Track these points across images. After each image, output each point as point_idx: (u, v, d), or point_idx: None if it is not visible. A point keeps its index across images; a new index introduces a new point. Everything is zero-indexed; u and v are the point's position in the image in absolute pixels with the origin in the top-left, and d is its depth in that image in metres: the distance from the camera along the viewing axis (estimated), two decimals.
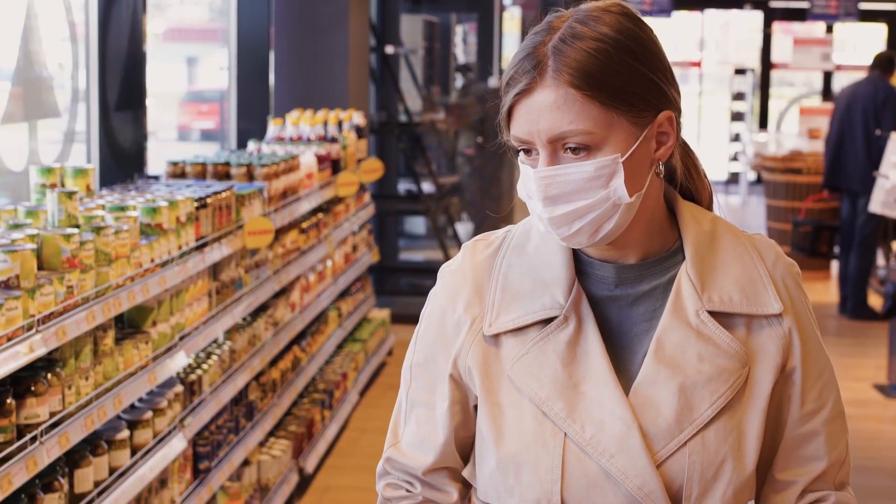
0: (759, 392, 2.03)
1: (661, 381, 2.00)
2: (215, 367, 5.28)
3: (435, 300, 2.15)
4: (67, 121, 6.03)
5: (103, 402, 3.99)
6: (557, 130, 1.93)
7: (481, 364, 2.05)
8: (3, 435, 3.38)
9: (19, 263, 3.48)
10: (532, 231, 2.11)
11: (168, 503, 4.70)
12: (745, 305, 2.04)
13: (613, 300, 2.06)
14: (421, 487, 2.14)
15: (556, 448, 1.98)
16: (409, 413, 2.15)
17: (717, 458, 1.98)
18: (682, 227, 2.09)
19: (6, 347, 3.34)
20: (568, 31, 1.95)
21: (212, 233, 5.17)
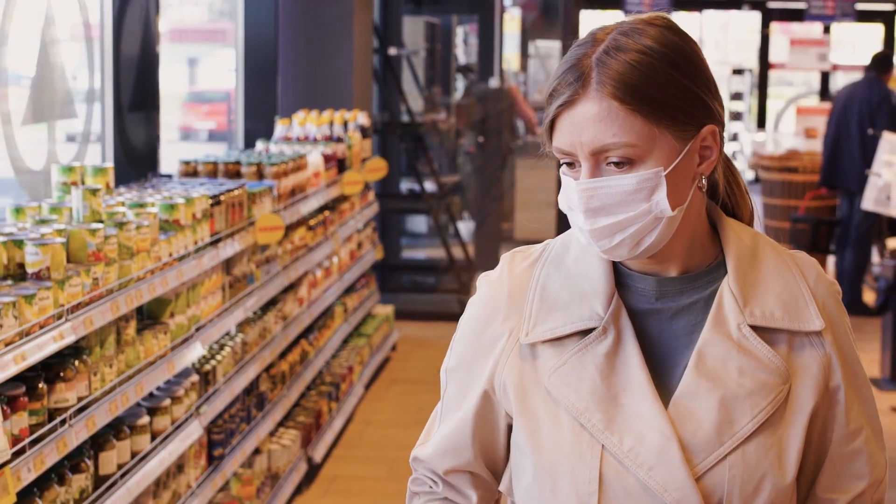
0: (800, 409, 2.02)
1: (701, 393, 1.99)
2: (228, 359, 5.48)
3: (472, 308, 2.16)
4: (84, 121, 6.23)
5: (126, 389, 4.19)
6: (600, 143, 1.92)
7: (517, 378, 2.05)
8: (36, 417, 3.58)
9: (50, 256, 3.68)
10: (571, 244, 2.12)
11: (185, 487, 4.90)
12: (787, 321, 2.03)
13: (654, 313, 2.06)
14: (442, 486, 2.17)
15: (593, 460, 1.97)
16: (442, 415, 2.18)
17: (757, 472, 1.98)
18: (724, 242, 2.08)
19: (39, 335, 3.54)
20: (612, 43, 1.95)
21: (225, 229, 5.38)
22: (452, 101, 14.73)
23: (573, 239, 2.10)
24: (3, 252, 3.70)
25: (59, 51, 5.87)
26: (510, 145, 14.53)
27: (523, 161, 15.14)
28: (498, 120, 14.06)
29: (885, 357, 9.11)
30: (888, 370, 9.04)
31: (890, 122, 10.97)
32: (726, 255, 2.06)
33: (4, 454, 3.29)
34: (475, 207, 13.43)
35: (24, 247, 3.70)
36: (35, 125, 5.73)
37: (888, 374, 9.03)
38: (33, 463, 3.49)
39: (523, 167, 15.09)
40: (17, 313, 3.41)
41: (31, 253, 3.67)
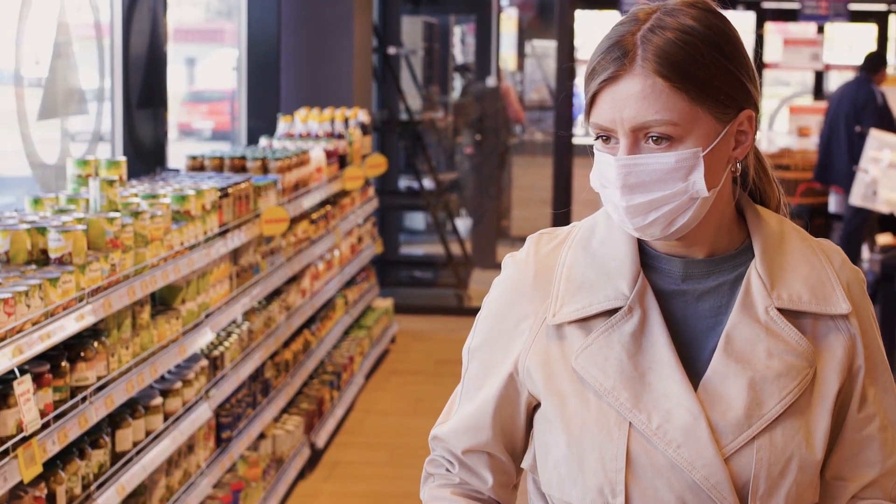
0: (827, 392, 2.03)
1: (731, 375, 2.00)
2: (235, 346, 5.69)
3: (498, 288, 2.16)
4: (94, 118, 6.45)
5: (141, 371, 4.41)
6: (642, 119, 1.92)
7: (543, 361, 2.06)
8: (60, 394, 3.80)
9: (72, 242, 3.90)
10: (598, 226, 2.13)
11: (195, 467, 5.11)
12: (813, 304, 2.04)
13: (679, 295, 2.06)
14: (459, 468, 2.17)
15: (621, 437, 1.98)
16: (463, 394, 2.18)
17: (784, 454, 1.98)
18: (751, 227, 2.09)
19: (63, 316, 3.75)
20: (657, 21, 1.96)
21: (233, 220, 5.59)
22: (450, 100, 14.95)
23: (599, 221, 2.12)
24: (27, 238, 3.91)
25: (72, 51, 6.09)
26: (507, 144, 14.74)
27: (520, 159, 15.38)
28: (495, 119, 14.28)
29: None
30: None
31: (875, 121, 11.20)
32: (753, 239, 2.07)
33: (34, 424, 3.51)
34: (472, 205, 13.65)
35: (48, 234, 3.91)
36: (48, 121, 5.94)
37: None
38: (57, 436, 3.70)
39: (519, 165, 15.32)
40: (42, 295, 3.63)
41: (54, 239, 3.89)
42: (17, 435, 3.48)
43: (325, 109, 8.74)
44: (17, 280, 3.63)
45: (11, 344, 3.41)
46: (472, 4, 15.02)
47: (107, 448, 4.18)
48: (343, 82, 9.76)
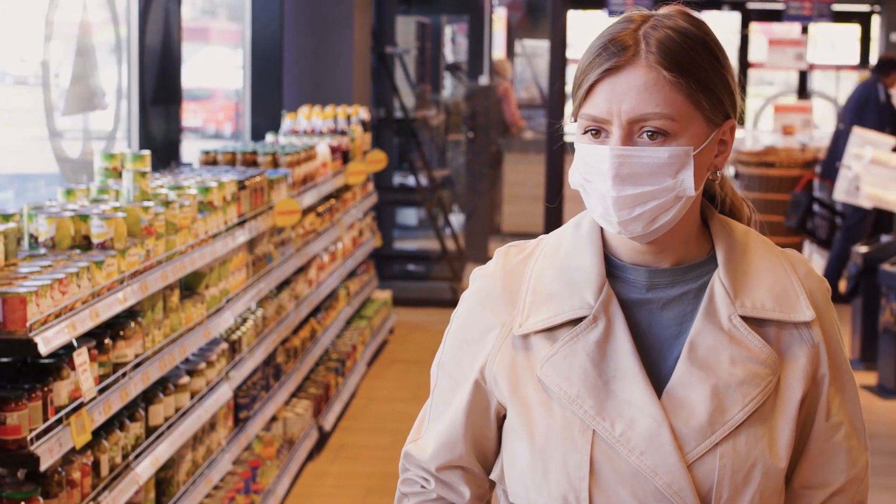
0: (790, 399, 2.05)
1: (694, 383, 2.01)
2: (251, 331, 5.99)
3: (466, 302, 2.18)
4: (113, 114, 6.74)
5: (171, 350, 4.71)
6: (641, 111, 1.95)
7: (509, 369, 2.08)
8: (104, 369, 4.09)
9: (113, 228, 4.20)
10: (564, 238, 2.14)
11: (216, 444, 5.41)
12: (777, 312, 2.05)
13: (645, 303, 2.07)
14: (435, 484, 2.18)
15: (584, 445, 2.00)
16: (433, 411, 2.19)
17: (747, 461, 2.00)
18: (714, 236, 2.11)
19: (107, 296, 4.05)
20: (656, 21, 2.00)
21: (250, 211, 5.89)
22: (441, 98, 15.26)
23: (566, 233, 2.14)
24: (71, 225, 4.21)
25: (93, 49, 6.38)
26: (498, 141, 15.04)
27: (511, 156, 15.68)
28: (487, 116, 14.58)
29: (855, 340, 9.65)
30: (858, 352, 9.58)
31: (876, 118, 11.51)
32: (717, 248, 2.09)
33: (91, 392, 3.81)
34: (465, 200, 13.94)
35: (90, 220, 4.21)
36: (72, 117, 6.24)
37: (858, 356, 9.57)
38: (102, 408, 4.00)
39: (510, 162, 15.62)
40: (90, 277, 3.92)
41: (97, 225, 4.19)
42: (69, 405, 3.78)
43: (326, 107, 9.03)
44: (67, 263, 3.93)
45: (66, 320, 3.71)
46: (465, 5, 15.31)
47: (142, 422, 4.48)
48: (343, 80, 10.07)
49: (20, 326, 3.50)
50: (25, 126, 6.54)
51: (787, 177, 13.92)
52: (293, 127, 8.54)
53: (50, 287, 3.63)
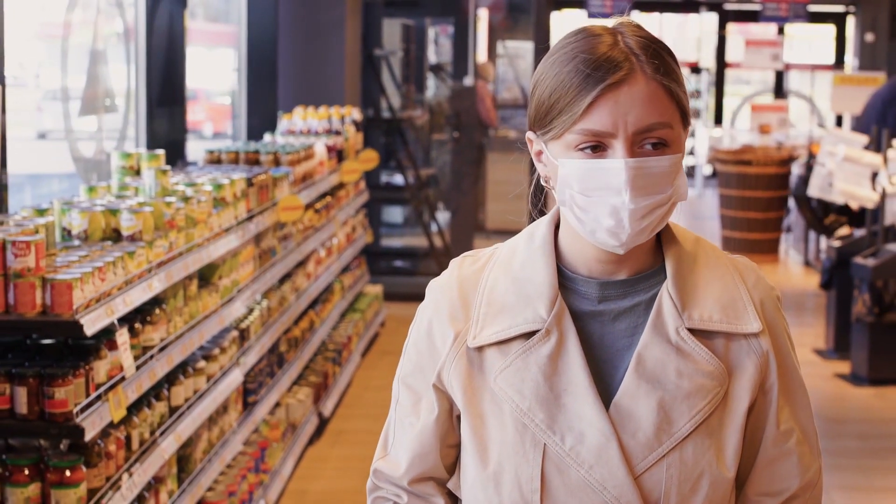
0: (737, 409, 2.06)
1: (641, 395, 2.02)
2: (258, 320, 6.34)
3: (422, 314, 2.18)
4: (122, 115, 7.09)
5: (191, 336, 5.05)
6: (646, 122, 1.96)
7: (464, 378, 2.09)
8: (134, 351, 4.44)
9: (142, 221, 4.55)
10: (518, 248, 2.14)
11: (228, 425, 5.75)
12: (724, 324, 2.06)
13: (596, 315, 2.08)
14: (407, 498, 2.18)
15: (535, 458, 2.02)
16: (397, 426, 2.19)
17: (694, 472, 2.02)
18: (665, 247, 2.11)
19: (138, 284, 4.40)
20: (630, 32, 2.02)
21: (257, 207, 6.24)
22: (426, 99, 15.61)
23: (520, 244, 2.14)
24: (102, 219, 4.55)
25: (105, 55, 6.73)
26: (482, 140, 15.39)
27: (494, 155, 16.03)
28: (470, 116, 14.92)
29: (829, 331, 10.04)
30: (832, 342, 9.96)
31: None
32: (666, 260, 2.10)
33: (131, 369, 4.16)
34: (451, 198, 14.29)
35: (120, 214, 4.56)
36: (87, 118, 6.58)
37: (832, 346, 9.96)
38: (134, 386, 4.34)
39: (493, 161, 15.98)
40: (123, 265, 4.27)
41: (127, 219, 4.54)
42: (107, 382, 4.13)
43: (319, 108, 9.38)
44: (102, 253, 4.28)
45: (104, 305, 4.05)
46: (448, 7, 15.64)
47: (166, 401, 4.82)
48: (335, 82, 10.42)
49: (67, 310, 3.85)
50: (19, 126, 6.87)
51: (764, 174, 14.32)
52: (289, 127, 8.89)
53: (91, 274, 3.98)
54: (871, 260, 9.02)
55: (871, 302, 8.99)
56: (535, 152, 2.11)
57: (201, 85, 13.57)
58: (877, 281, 8.94)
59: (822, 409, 8.61)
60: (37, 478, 3.92)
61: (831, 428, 8.21)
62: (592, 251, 2.07)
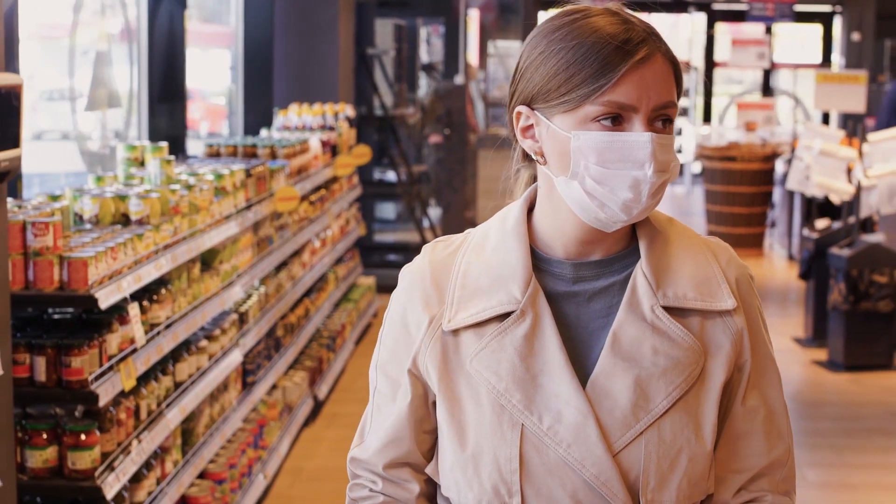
0: (713, 385, 2.07)
1: (617, 373, 2.03)
2: (256, 305, 6.66)
3: (396, 300, 2.19)
4: (125, 110, 7.41)
5: (194, 315, 5.37)
6: (665, 99, 2.00)
7: (439, 362, 2.10)
8: (143, 326, 4.76)
9: (149, 207, 4.87)
10: (491, 232, 2.16)
11: (229, 403, 6.07)
12: (699, 301, 2.08)
13: (571, 296, 2.09)
14: (382, 484, 2.19)
15: (514, 439, 2.03)
16: (374, 413, 2.21)
17: (672, 448, 2.03)
18: (638, 227, 2.13)
19: (146, 264, 4.72)
20: (631, 15, 2.08)
21: (255, 197, 6.57)
22: (417, 97, 15.93)
23: (492, 227, 2.16)
24: (112, 204, 4.88)
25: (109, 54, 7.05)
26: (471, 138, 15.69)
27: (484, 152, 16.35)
28: (461, 115, 15.24)
29: (808, 319, 10.37)
30: (811, 331, 10.29)
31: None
32: (640, 239, 2.12)
33: (142, 340, 4.48)
34: (443, 195, 14.61)
35: (129, 200, 4.88)
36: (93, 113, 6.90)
37: (811, 334, 10.29)
38: (143, 359, 4.67)
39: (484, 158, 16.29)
40: (133, 247, 4.59)
41: (135, 204, 4.86)
42: (118, 354, 4.45)
43: (314, 104, 9.71)
44: (113, 235, 4.60)
45: (116, 282, 4.38)
46: (440, 7, 15.96)
47: (171, 376, 5.14)
48: (329, 80, 10.75)
49: (83, 285, 4.17)
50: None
51: (748, 170, 14.68)
52: (285, 123, 9.21)
53: (105, 254, 4.30)
54: (846, 250, 9.34)
55: (846, 291, 9.29)
56: (523, 127, 2.10)
57: (196, 85, 13.89)
58: (852, 270, 9.25)
59: (800, 394, 8.96)
60: (54, 441, 4.25)
61: (808, 410, 8.56)
62: (573, 230, 2.09)
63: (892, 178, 9.38)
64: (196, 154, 7.82)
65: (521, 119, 2.10)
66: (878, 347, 9.45)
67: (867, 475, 7.19)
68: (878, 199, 9.44)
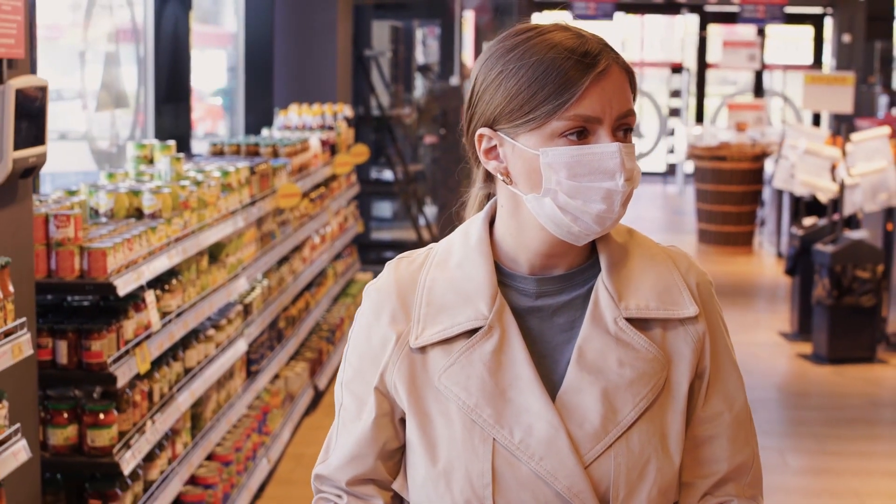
0: (678, 394, 2.09)
1: (585, 386, 2.04)
2: (259, 297, 6.94)
3: (361, 318, 2.18)
4: (133, 110, 7.69)
5: (202, 305, 5.65)
6: (625, 108, 2.02)
7: (408, 379, 2.09)
8: (157, 314, 5.04)
9: (161, 201, 5.15)
10: (454, 247, 2.15)
11: (234, 390, 6.35)
12: (661, 310, 2.09)
13: (535, 311, 2.10)
14: (347, 499, 2.18)
15: (485, 454, 2.03)
16: (339, 430, 2.20)
17: (641, 459, 2.04)
18: (597, 240, 2.13)
19: (159, 255, 5.00)
20: (580, 29, 2.07)
21: (259, 193, 6.85)
22: (413, 98, 16.21)
23: (455, 242, 2.16)
24: (126, 199, 5.15)
25: (118, 56, 7.33)
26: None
27: None
28: (456, 114, 15.50)
29: (794, 314, 10.66)
30: (797, 325, 10.58)
31: None
32: (599, 252, 2.12)
33: (157, 325, 4.76)
34: (438, 194, 14.87)
35: (142, 195, 5.16)
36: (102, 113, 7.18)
37: (796, 328, 10.58)
38: (157, 345, 4.94)
39: None
40: (147, 238, 4.87)
41: (148, 199, 5.14)
42: (133, 339, 4.73)
43: (313, 105, 9.99)
44: (128, 228, 4.88)
45: (132, 271, 4.66)
46: (435, 9, 16.23)
47: (182, 362, 5.42)
48: (328, 81, 11.03)
49: (102, 273, 4.45)
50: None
51: (738, 169, 14.97)
52: (286, 123, 9.49)
53: (122, 244, 4.58)
54: (830, 247, 9.62)
55: (830, 286, 9.57)
56: (485, 149, 2.11)
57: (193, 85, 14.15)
58: (835, 266, 9.53)
59: (785, 386, 9.27)
60: (74, 420, 4.53)
61: (793, 401, 8.87)
62: (539, 246, 2.10)
63: (874, 177, 9.66)
64: (199, 153, 8.10)
65: (483, 141, 2.10)
66: (861, 341, 9.74)
67: (848, 462, 7.48)
68: (862, 197, 9.72)
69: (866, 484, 7.10)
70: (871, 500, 6.86)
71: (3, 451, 3.66)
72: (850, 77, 13.51)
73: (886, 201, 9.71)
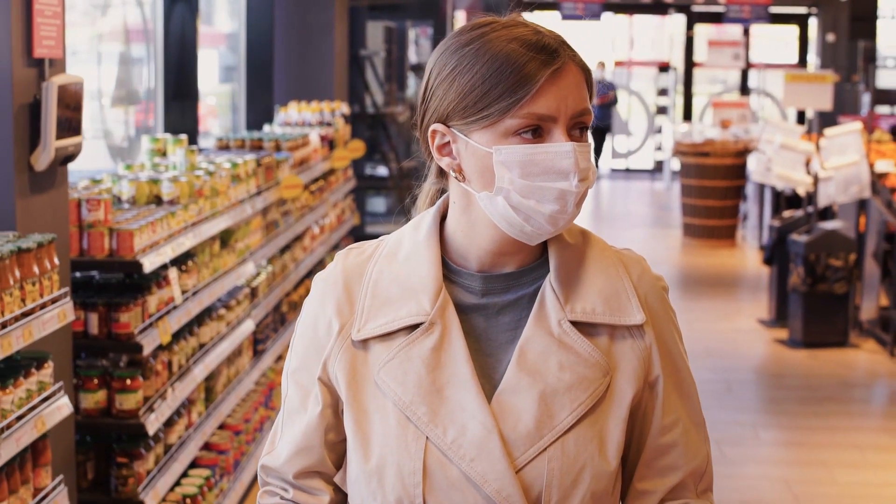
0: (621, 401, 2.05)
1: (522, 388, 2.01)
2: (264, 282, 7.41)
3: (308, 307, 2.16)
4: (143, 107, 8.16)
5: (215, 286, 6.11)
6: (582, 106, 1.98)
7: (348, 370, 2.07)
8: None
9: (179, 189, 5.62)
10: (404, 241, 2.12)
11: (242, 367, 6.82)
12: (607, 316, 2.05)
13: (480, 309, 2.07)
14: (293, 492, 2.16)
15: (417, 452, 2.00)
16: (285, 421, 2.17)
17: (576, 464, 1.99)
18: (549, 240, 2.09)
19: (178, 237, 5.47)
20: (538, 25, 2.05)
21: (264, 184, 7.32)
22: (406, 96, 16.66)
23: (405, 236, 2.13)
24: (146, 187, 5.62)
25: (130, 54, 7.79)
26: None
27: None
28: None
29: (771, 302, 11.14)
30: (774, 312, 11.05)
31: None
32: (550, 253, 2.08)
33: (179, 299, 5.24)
34: None
35: (161, 183, 5.63)
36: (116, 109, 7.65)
37: (774, 315, 11.05)
38: (175, 320, 5.41)
39: None
40: (167, 222, 5.34)
41: (167, 187, 5.61)
42: (156, 313, 5.20)
43: (311, 102, 10.45)
44: (150, 212, 5.35)
45: (156, 250, 5.13)
46: (428, 10, 16.68)
47: (196, 338, 5.89)
48: (326, 79, 11.48)
49: (129, 252, 4.93)
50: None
51: (721, 165, 15.46)
52: (286, 119, 9.97)
53: (146, 227, 5.06)
54: (805, 236, 10.10)
55: (804, 274, 10.05)
56: (438, 145, 2.07)
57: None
58: (810, 255, 10.01)
59: (762, 369, 9.76)
60: (103, 386, 5.00)
61: (769, 382, 9.37)
62: (490, 244, 2.08)
63: (847, 170, 10.14)
64: (206, 147, 8.56)
65: (436, 137, 2.06)
66: (835, 326, 10.21)
67: (818, 436, 7.97)
68: (835, 190, 10.20)
69: (835, 455, 7.58)
70: (839, 469, 7.34)
71: (49, 405, 4.13)
72: (830, 75, 13.96)
73: (858, 193, 10.19)
